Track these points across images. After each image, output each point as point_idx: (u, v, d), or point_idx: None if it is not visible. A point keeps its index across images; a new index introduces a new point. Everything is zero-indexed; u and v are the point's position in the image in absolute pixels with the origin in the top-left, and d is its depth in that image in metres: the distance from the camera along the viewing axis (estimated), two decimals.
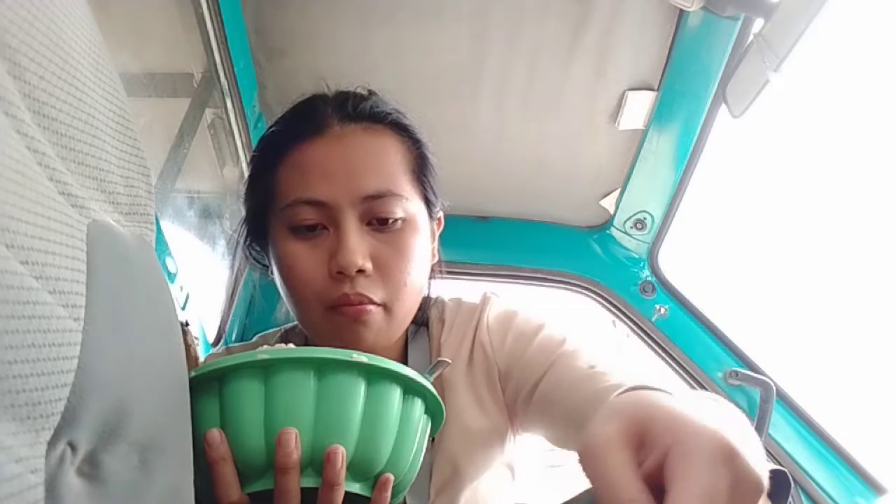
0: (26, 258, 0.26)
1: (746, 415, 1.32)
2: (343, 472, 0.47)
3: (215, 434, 0.47)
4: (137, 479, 0.34)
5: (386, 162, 0.70)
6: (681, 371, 1.39)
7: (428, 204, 0.75)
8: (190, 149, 1.08)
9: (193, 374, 0.47)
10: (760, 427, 1.28)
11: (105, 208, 0.36)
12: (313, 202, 0.67)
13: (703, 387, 1.36)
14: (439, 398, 0.55)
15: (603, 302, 1.47)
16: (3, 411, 0.24)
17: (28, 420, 0.26)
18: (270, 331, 0.88)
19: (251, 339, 0.91)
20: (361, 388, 0.48)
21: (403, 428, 0.50)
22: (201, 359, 0.93)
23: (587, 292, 1.48)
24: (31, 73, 0.29)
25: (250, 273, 1.37)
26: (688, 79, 1.16)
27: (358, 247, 0.66)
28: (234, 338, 1.31)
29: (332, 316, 0.67)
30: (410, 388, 0.51)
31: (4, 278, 0.24)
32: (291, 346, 0.53)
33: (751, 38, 1.03)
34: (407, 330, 0.78)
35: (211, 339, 1.21)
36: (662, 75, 1.17)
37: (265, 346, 0.52)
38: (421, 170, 0.74)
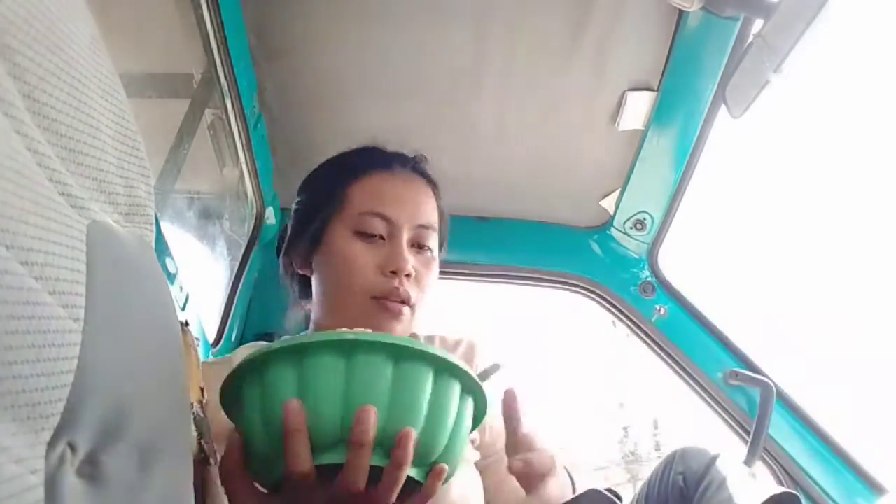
0: (26, 259, 0.26)
1: (746, 415, 1.33)
2: (411, 455, 0.49)
3: (295, 404, 0.48)
4: (137, 479, 0.34)
5: (432, 206, 0.95)
6: (681, 371, 1.39)
7: (441, 247, 0.98)
8: (190, 149, 1.08)
9: (273, 346, 0.49)
10: (760, 427, 1.28)
11: (105, 209, 0.36)
12: (384, 216, 0.89)
13: (703, 387, 1.36)
14: (487, 401, 0.57)
15: (603, 302, 1.47)
16: (3, 412, 0.24)
17: (28, 420, 0.26)
18: (265, 342, 0.98)
19: (250, 341, 0.93)
20: (430, 378, 0.51)
21: (458, 421, 0.53)
22: (202, 359, 0.93)
23: (587, 293, 1.47)
24: (30, 73, 0.29)
25: (250, 273, 1.37)
26: (687, 79, 1.16)
27: (409, 257, 0.88)
28: (234, 338, 1.31)
29: (374, 306, 0.86)
30: (467, 387, 0.54)
31: (4, 279, 0.24)
32: (370, 330, 0.55)
33: (751, 38, 1.03)
34: None
35: (211, 339, 1.21)
36: (662, 76, 1.17)
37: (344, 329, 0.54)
38: (442, 220, 0.98)
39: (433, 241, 0.93)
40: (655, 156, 1.29)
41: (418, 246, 0.91)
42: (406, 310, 0.87)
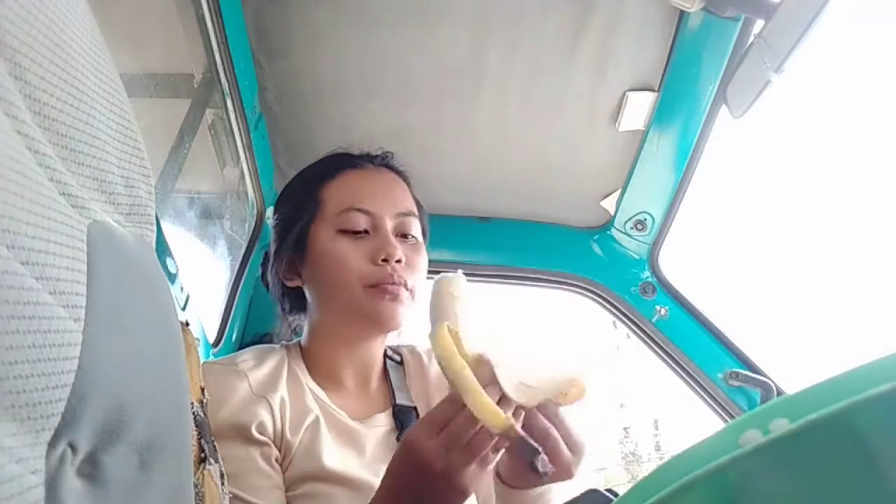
0: (27, 259, 0.26)
1: None
2: None
3: None
4: (137, 479, 0.34)
5: (408, 195, 0.96)
6: (681, 372, 1.39)
7: (424, 236, 0.97)
8: (190, 149, 1.08)
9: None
10: None
11: (105, 209, 0.36)
12: (364, 210, 0.89)
13: (703, 387, 1.36)
14: None
15: (603, 303, 1.47)
16: (4, 412, 0.24)
17: (28, 421, 0.26)
18: (266, 346, 0.96)
19: (250, 341, 0.92)
20: None
21: None
22: (202, 359, 0.93)
23: (587, 293, 1.47)
24: (31, 73, 0.29)
25: (251, 273, 1.37)
26: (688, 80, 1.16)
27: (398, 244, 0.89)
28: (234, 338, 1.31)
29: (372, 294, 0.86)
30: None
31: (5, 279, 0.24)
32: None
33: (751, 38, 1.03)
34: (385, 362, 0.98)
35: (211, 340, 1.21)
36: (663, 76, 1.17)
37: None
38: (420, 210, 0.98)
39: (416, 229, 0.94)
40: (656, 156, 1.29)
41: (402, 235, 0.92)
42: (404, 292, 0.87)
